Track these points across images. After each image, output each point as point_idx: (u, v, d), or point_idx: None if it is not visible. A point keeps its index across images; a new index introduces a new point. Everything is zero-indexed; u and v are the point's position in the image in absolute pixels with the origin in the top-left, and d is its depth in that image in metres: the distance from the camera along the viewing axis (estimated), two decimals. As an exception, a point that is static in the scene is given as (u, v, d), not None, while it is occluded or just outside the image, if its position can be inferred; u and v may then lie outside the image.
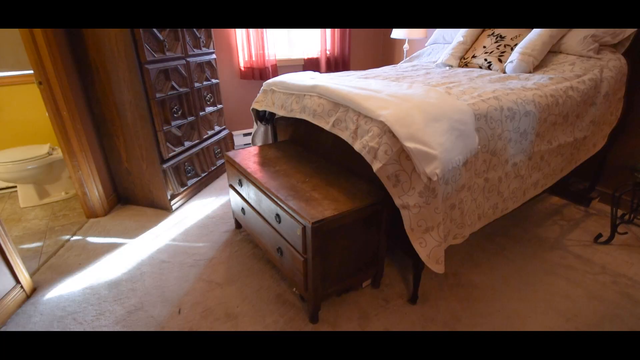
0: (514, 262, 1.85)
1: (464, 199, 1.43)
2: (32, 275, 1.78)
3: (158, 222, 2.25)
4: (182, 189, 2.42)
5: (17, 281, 1.59)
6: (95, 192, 2.25)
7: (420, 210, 1.27)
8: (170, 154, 2.28)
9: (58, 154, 2.51)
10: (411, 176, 1.25)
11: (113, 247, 2.01)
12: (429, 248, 1.32)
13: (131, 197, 2.45)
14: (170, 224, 2.24)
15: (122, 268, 1.84)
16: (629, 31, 1.98)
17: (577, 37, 2.04)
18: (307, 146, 1.99)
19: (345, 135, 1.44)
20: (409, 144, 1.20)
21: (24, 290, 1.62)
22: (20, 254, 1.92)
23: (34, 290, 1.68)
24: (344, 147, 1.56)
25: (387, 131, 1.26)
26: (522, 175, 1.67)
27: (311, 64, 3.52)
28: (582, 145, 1.98)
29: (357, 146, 1.36)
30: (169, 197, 2.32)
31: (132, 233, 2.14)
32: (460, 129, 1.32)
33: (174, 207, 2.38)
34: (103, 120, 2.21)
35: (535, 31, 2.07)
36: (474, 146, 1.37)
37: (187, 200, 2.52)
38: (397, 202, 1.28)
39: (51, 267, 1.85)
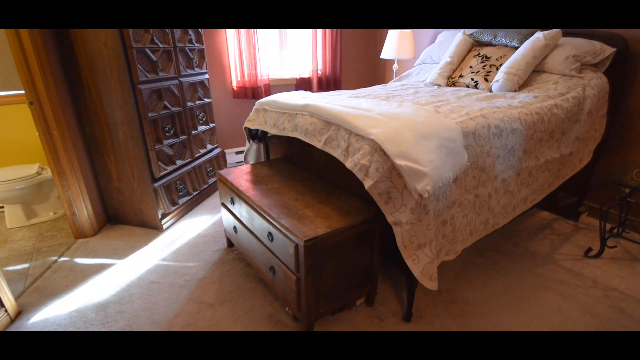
0: (506, 277, 1.85)
1: (455, 215, 1.44)
2: (17, 298, 1.73)
3: (148, 242, 2.22)
4: (173, 208, 2.40)
5: (1, 304, 1.54)
6: (84, 211, 2.22)
7: (412, 227, 1.28)
8: (162, 173, 2.27)
9: (47, 173, 2.48)
10: (402, 193, 1.26)
11: (101, 268, 1.97)
12: (421, 265, 1.32)
13: (121, 217, 2.42)
14: (161, 243, 2.20)
15: (110, 290, 1.79)
16: (609, 51, 2.07)
17: (559, 57, 2.12)
18: (299, 164, 2.00)
19: (337, 154, 1.45)
20: (400, 162, 1.22)
21: (8, 314, 1.57)
22: (5, 276, 1.87)
23: (19, 314, 1.63)
24: (336, 165, 1.57)
25: (378, 149, 1.28)
26: (511, 190, 1.70)
27: (303, 83, 3.58)
28: (569, 160, 2.02)
29: (348, 164, 1.38)
30: (159, 216, 2.30)
31: (122, 253, 2.10)
32: (450, 147, 1.34)
33: (164, 226, 2.35)
34: (94, 139, 2.21)
35: (519, 52, 2.14)
36: (463, 163, 1.39)
37: (179, 219, 2.49)
38: (389, 219, 1.29)
39: (37, 289, 1.80)
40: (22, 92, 2.21)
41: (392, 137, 1.27)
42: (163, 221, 2.33)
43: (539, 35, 2.13)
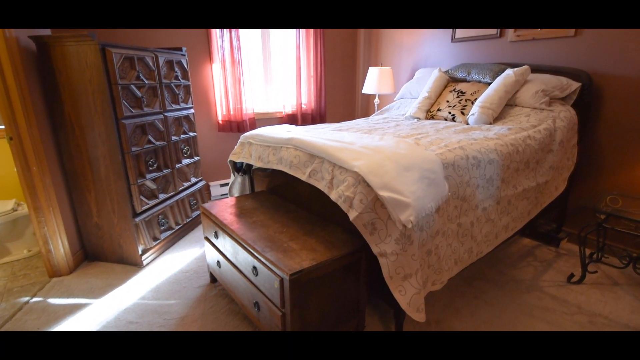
0: (493, 306, 1.85)
1: (439, 245, 1.45)
2: (-19, 345, 1.61)
3: (127, 279, 2.13)
4: (154, 243, 2.34)
5: (-37, 353, 1.44)
6: (60, 249, 2.13)
7: (397, 258, 1.28)
8: (144, 207, 2.23)
9: (24, 209, 2.40)
10: (387, 224, 1.27)
11: (76, 308, 1.87)
12: (408, 296, 1.31)
13: (99, 253, 2.33)
14: (140, 280, 2.12)
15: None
16: (575, 85, 2.21)
17: (529, 92, 2.25)
18: (284, 196, 2.00)
19: (321, 186, 1.47)
20: (383, 193, 1.24)
21: (-30, 363, 1.46)
22: (-30, 321, 1.75)
23: (-18, 363, 1.51)
24: (320, 197, 1.59)
25: (361, 181, 1.30)
26: (492, 219, 1.74)
27: (288, 117, 3.66)
28: (545, 189, 2.10)
29: (333, 196, 1.39)
30: (140, 252, 2.23)
31: (98, 292, 2.01)
32: (431, 178, 1.38)
33: (145, 263, 2.28)
34: (74, 174, 2.17)
35: (492, 87, 2.27)
36: (444, 193, 1.42)
37: (160, 255, 2.42)
38: (375, 250, 1.29)
39: (4, 335, 1.68)
40: (2, 127, 2.18)
41: (375, 169, 1.30)
42: (143, 257, 2.26)
43: (509, 72, 2.27)
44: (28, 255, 2.42)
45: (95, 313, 1.83)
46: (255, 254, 1.42)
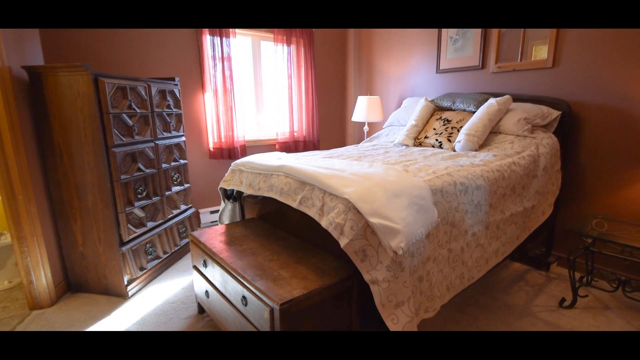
0: (487, 334, 1.83)
1: (430, 271, 1.45)
2: (-49, 386, 1.51)
3: (111, 312, 2.06)
4: (140, 273, 2.28)
5: None
6: (42, 280, 2.06)
7: (389, 285, 1.27)
8: (131, 236, 2.18)
9: (6, 239, 2.33)
10: (378, 250, 1.27)
11: (56, 344, 1.79)
12: (401, 324, 1.29)
13: (83, 284, 2.26)
14: (125, 312, 2.05)
15: (64, 369, 1.61)
16: (555, 114, 2.31)
17: (512, 120, 2.33)
18: (274, 223, 1.99)
19: (312, 213, 1.47)
20: (373, 219, 1.25)
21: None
22: (-59, 360, 1.65)
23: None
24: (311, 224, 1.59)
25: (351, 208, 1.31)
26: (482, 244, 1.75)
27: (280, 145, 3.70)
28: (532, 213, 2.13)
29: (324, 223, 1.39)
30: (125, 283, 2.16)
31: (80, 326, 1.93)
32: (420, 204, 1.40)
33: (130, 293, 2.21)
34: (61, 202, 2.13)
35: (476, 116, 2.35)
36: (434, 219, 1.44)
37: (146, 285, 2.35)
38: (366, 277, 1.28)
39: (-23, 374, 1.59)
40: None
41: (364, 195, 1.32)
42: (129, 287, 2.19)
43: (492, 101, 2.36)
44: (9, 287, 2.33)
45: (76, 348, 1.75)
46: (245, 282, 1.40)
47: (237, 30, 3.27)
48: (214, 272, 1.67)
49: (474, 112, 2.48)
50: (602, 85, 2.24)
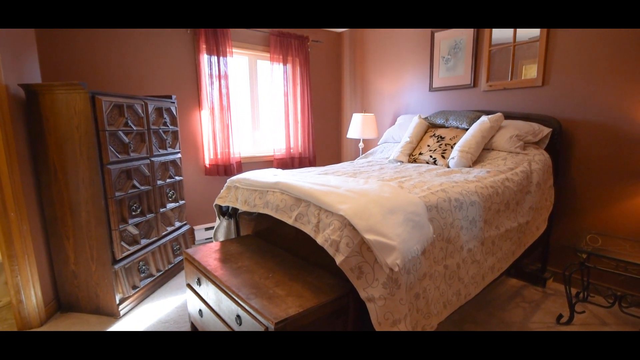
0: (485, 352, 1.80)
1: (427, 288, 1.44)
2: None
3: (103, 332, 2.01)
4: (133, 292, 2.24)
5: None
6: (32, 299, 2.01)
7: (385, 303, 1.26)
8: (124, 254, 2.16)
9: (-5, 258, 2.28)
10: (374, 267, 1.27)
11: (44, 366, 1.73)
12: (398, 343, 1.27)
13: (74, 304, 2.21)
14: (117, 333, 2.00)
15: (52, 393, 1.56)
16: (546, 131, 2.35)
17: (504, 137, 2.37)
18: (270, 240, 1.98)
19: (307, 229, 1.47)
20: (369, 236, 1.25)
21: None
22: None
23: None
24: (307, 241, 1.58)
25: (347, 224, 1.31)
26: (478, 260, 1.75)
27: (276, 161, 3.71)
28: (527, 229, 2.14)
29: (319, 239, 1.39)
30: (117, 302, 2.12)
31: (70, 347, 1.88)
32: (415, 220, 1.40)
33: (122, 313, 2.16)
34: (54, 220, 2.11)
35: (469, 133, 2.39)
36: (429, 235, 1.44)
37: (139, 304, 2.30)
38: (362, 294, 1.27)
39: (-40, 399, 1.53)
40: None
41: (360, 212, 1.32)
42: (121, 307, 2.15)
43: (484, 118, 2.41)
44: (-4, 308, 2.27)
45: (64, 371, 1.70)
46: (240, 301, 1.38)
47: (234, 49, 3.33)
48: (208, 291, 1.64)
49: (466, 130, 2.52)
50: (590, 103, 2.30)
